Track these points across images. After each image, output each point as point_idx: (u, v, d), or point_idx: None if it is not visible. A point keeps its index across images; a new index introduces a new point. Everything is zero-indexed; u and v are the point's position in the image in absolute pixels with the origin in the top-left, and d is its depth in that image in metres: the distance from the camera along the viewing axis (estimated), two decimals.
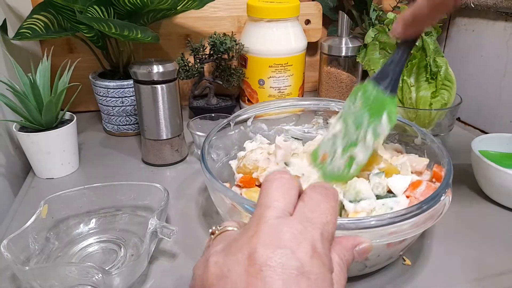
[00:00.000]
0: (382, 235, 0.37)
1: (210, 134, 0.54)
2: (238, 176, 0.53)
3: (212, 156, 0.55)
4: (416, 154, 0.53)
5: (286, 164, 0.51)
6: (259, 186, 0.50)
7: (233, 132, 0.59)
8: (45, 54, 0.62)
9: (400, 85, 0.70)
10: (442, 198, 0.40)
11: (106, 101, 0.73)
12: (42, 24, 0.69)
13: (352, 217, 0.41)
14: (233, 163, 0.56)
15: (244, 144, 0.58)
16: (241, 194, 0.49)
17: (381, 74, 0.45)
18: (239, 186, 0.52)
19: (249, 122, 0.60)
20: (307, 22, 0.91)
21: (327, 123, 0.62)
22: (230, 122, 0.58)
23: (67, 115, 0.65)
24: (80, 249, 0.48)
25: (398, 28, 0.42)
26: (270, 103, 0.61)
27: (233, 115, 0.59)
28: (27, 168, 0.68)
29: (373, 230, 0.36)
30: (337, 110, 0.60)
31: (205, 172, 0.46)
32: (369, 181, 0.45)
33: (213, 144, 0.55)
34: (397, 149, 0.55)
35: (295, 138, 0.60)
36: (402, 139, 0.56)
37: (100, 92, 0.73)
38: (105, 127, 0.78)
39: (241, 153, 0.56)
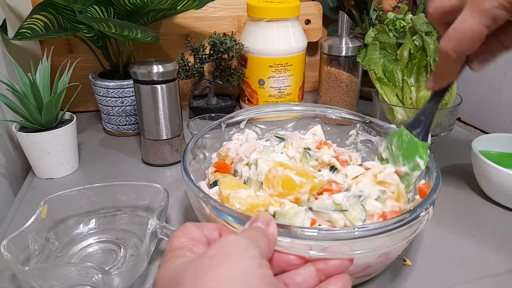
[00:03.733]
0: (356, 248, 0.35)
1: (199, 134, 0.53)
2: (214, 160, 0.55)
3: (201, 156, 0.56)
4: None
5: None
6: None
7: (231, 132, 0.59)
8: (45, 54, 0.62)
9: (400, 85, 0.70)
10: (422, 214, 0.37)
11: (106, 101, 0.73)
12: (42, 24, 0.69)
13: (317, 227, 0.39)
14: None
15: (233, 136, 0.58)
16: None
17: (414, 122, 0.47)
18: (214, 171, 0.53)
19: (242, 125, 0.60)
20: (307, 22, 0.91)
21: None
22: (222, 124, 0.57)
23: (67, 115, 0.65)
24: (79, 249, 0.48)
25: (430, 83, 0.44)
26: (266, 107, 0.61)
27: (226, 116, 0.58)
28: (27, 168, 0.68)
29: (343, 242, 0.34)
30: (333, 117, 0.59)
31: (183, 173, 0.45)
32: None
33: (206, 144, 0.55)
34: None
35: (277, 137, 0.60)
36: None
37: (100, 92, 0.73)
38: (105, 127, 0.78)
39: (225, 143, 0.57)
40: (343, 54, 0.79)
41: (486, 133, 0.76)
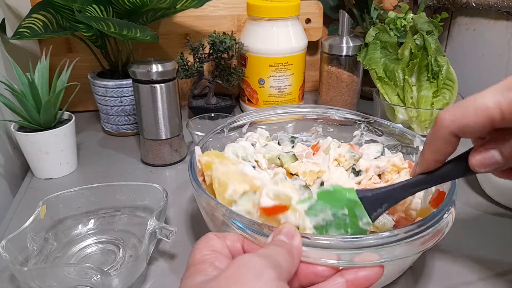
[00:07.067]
0: (379, 257, 0.33)
1: (203, 141, 0.52)
2: None
3: None
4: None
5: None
6: None
7: (232, 133, 0.58)
8: (44, 54, 0.62)
9: (402, 84, 0.70)
10: (445, 216, 0.36)
11: (105, 100, 0.73)
12: (41, 23, 0.69)
13: (345, 236, 0.36)
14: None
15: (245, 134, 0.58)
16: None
17: (376, 199, 0.36)
18: None
19: (244, 129, 0.59)
20: (308, 21, 0.90)
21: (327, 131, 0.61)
22: (224, 129, 0.56)
23: (66, 114, 0.65)
24: (78, 249, 0.48)
25: (414, 166, 0.36)
26: (267, 110, 0.60)
27: (228, 121, 0.57)
28: (25, 168, 0.67)
29: (368, 250, 0.33)
30: (337, 118, 0.59)
31: (192, 181, 0.43)
32: None
33: (208, 147, 0.55)
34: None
35: (291, 136, 0.60)
36: (403, 150, 0.56)
37: (99, 92, 0.73)
38: (104, 127, 0.77)
39: (237, 140, 0.57)
40: (344, 53, 0.79)
41: None
